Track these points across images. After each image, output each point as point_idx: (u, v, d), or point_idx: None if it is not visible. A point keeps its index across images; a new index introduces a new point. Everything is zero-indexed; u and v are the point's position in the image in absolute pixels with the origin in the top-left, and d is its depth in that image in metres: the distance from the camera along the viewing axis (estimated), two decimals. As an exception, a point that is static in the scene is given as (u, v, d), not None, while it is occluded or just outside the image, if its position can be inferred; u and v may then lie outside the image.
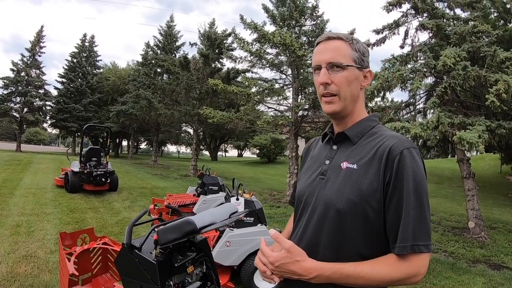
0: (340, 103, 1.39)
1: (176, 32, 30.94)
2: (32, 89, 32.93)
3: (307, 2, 15.03)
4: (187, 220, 2.40)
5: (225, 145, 68.90)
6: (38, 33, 34.70)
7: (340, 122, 1.47)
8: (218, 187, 8.87)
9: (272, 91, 14.24)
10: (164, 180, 18.33)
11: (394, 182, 1.23)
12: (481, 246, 8.27)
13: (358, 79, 1.40)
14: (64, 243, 4.20)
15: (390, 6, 10.50)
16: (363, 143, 1.38)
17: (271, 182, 21.19)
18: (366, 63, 1.43)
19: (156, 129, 28.80)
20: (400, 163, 1.23)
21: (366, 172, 1.29)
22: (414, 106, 11.30)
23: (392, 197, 1.23)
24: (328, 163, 1.45)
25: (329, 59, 1.36)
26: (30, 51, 33.96)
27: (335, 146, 1.48)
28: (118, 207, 10.56)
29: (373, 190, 1.25)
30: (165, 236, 2.36)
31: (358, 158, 1.34)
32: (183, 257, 2.58)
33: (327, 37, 1.41)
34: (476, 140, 7.21)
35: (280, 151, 36.03)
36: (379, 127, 1.44)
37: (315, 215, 1.39)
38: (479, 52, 8.84)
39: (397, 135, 1.33)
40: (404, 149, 1.24)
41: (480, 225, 9.00)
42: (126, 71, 37.49)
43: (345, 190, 1.30)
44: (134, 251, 2.52)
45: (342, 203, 1.29)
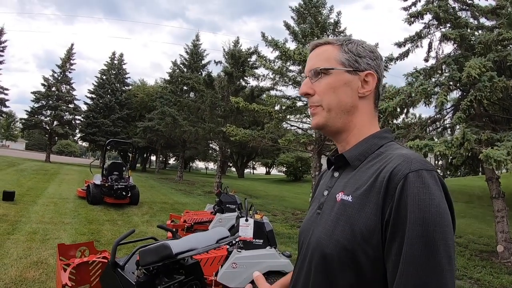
0: (323, 115, 1.12)
1: (202, 50, 31.42)
2: (62, 103, 34.08)
3: (329, 18, 14.98)
4: (163, 244, 2.27)
5: (253, 162, 68.94)
6: (68, 51, 36.00)
7: (338, 140, 1.18)
8: (236, 206, 8.71)
9: (295, 109, 14.09)
10: (187, 196, 18.26)
11: (394, 223, 0.86)
12: (510, 272, 7.73)
13: (349, 84, 1.10)
14: (63, 255, 4.22)
15: (412, 18, 10.32)
16: (364, 168, 1.05)
17: (296, 201, 20.92)
18: (366, 65, 1.12)
19: (183, 146, 28.97)
20: (402, 195, 0.86)
21: (362, 207, 0.95)
22: (441, 122, 10.90)
23: (392, 244, 0.86)
24: (326, 194, 1.15)
25: (310, 67, 1.14)
26: (60, 68, 35.23)
27: (337, 173, 1.17)
28: (136, 221, 10.54)
29: (369, 232, 0.90)
30: (144, 258, 2.25)
31: (355, 187, 1.01)
32: (169, 280, 2.44)
33: (314, 45, 1.20)
34: (505, 158, 6.77)
35: (307, 169, 35.75)
36: (390, 145, 1.09)
37: (307, 259, 1.09)
38: (506, 61, 8.43)
39: (407, 153, 0.95)
40: (410, 173, 0.87)
41: (509, 249, 8.49)
42: (154, 88, 38.06)
43: (336, 230, 0.99)
44: (117, 269, 2.48)
45: (330, 247, 0.98)
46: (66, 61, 35.44)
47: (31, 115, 33.12)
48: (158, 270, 2.39)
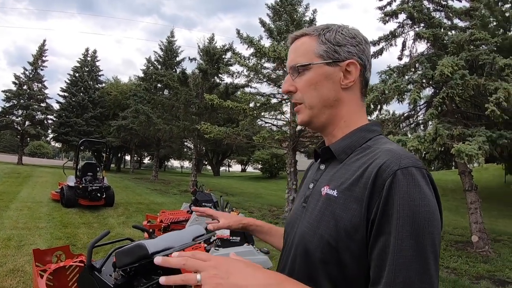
0: (307, 112, 1.09)
1: (176, 47, 31.15)
2: (34, 102, 32.92)
3: (304, 16, 15.04)
4: (139, 244, 2.21)
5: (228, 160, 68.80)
6: (40, 47, 34.85)
7: (325, 134, 1.14)
8: (212, 204, 8.66)
9: (269, 106, 14.09)
10: (163, 196, 18.07)
11: (381, 218, 0.83)
12: (485, 261, 7.97)
13: (330, 77, 1.05)
14: (39, 260, 4.07)
15: (387, 17, 10.43)
16: (351, 161, 1.01)
17: (272, 198, 20.99)
18: (346, 53, 1.05)
19: (157, 144, 28.70)
20: (391, 191, 0.82)
21: (346, 202, 0.91)
22: (414, 118, 11.09)
23: (377, 240, 0.83)
24: (311, 187, 1.11)
25: (289, 63, 1.10)
26: (32, 65, 34.06)
27: (323, 165, 1.13)
28: (113, 223, 10.37)
29: (353, 228, 0.87)
30: (121, 259, 2.20)
31: (340, 181, 0.97)
32: (147, 280, 2.39)
33: (292, 39, 1.14)
34: (476, 152, 6.94)
35: (282, 166, 35.81)
36: (377, 139, 1.05)
37: (291, 253, 1.07)
38: (477, 60, 8.67)
39: (395, 149, 0.92)
40: (399, 169, 0.84)
41: (484, 239, 8.74)
42: (127, 86, 37.53)
43: (320, 225, 0.96)
44: (93, 272, 2.42)
45: (314, 242, 0.95)
46: (38, 58, 34.30)
47: (2, 116, 31.89)
48: (135, 271, 2.34)
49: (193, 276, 0.78)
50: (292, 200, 13.58)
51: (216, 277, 0.77)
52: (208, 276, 0.78)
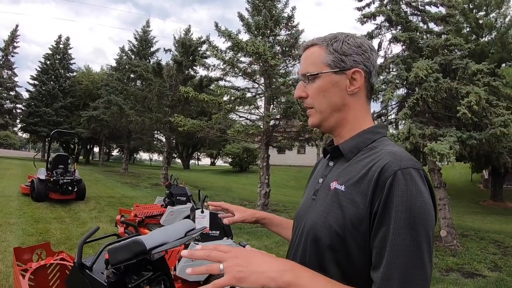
0: (317, 116, 1.21)
1: (151, 37, 30.61)
2: (3, 90, 31.99)
3: (283, 12, 15.07)
4: (135, 240, 2.18)
5: (198, 153, 68.42)
6: (13, 33, 33.88)
7: (334, 135, 1.26)
8: (186, 198, 8.60)
9: (244, 100, 14.10)
10: (134, 189, 17.87)
11: (382, 212, 0.95)
12: (454, 254, 8.28)
13: (337, 85, 1.16)
14: (19, 259, 3.94)
15: (365, 18, 10.60)
16: (357, 160, 1.13)
17: (243, 192, 20.98)
18: (352, 62, 1.15)
19: (128, 136, 28.26)
20: (392, 188, 0.94)
21: (352, 196, 1.04)
22: (386, 117, 11.31)
23: (376, 233, 0.96)
24: (321, 181, 1.24)
25: (301, 71, 1.22)
26: (3, 51, 33.01)
27: (332, 162, 1.25)
28: (85, 217, 10.19)
29: (359, 220, 0.99)
30: (115, 256, 2.16)
31: (348, 177, 1.09)
32: (138, 277, 2.38)
33: (303, 48, 1.25)
34: (448, 151, 7.23)
35: (253, 160, 35.80)
36: (382, 141, 1.16)
37: (301, 244, 1.19)
38: (451, 64, 8.96)
39: (397, 151, 1.04)
40: (399, 170, 0.96)
41: (452, 234, 9.06)
42: (99, 75, 36.62)
43: (329, 216, 1.08)
44: (84, 270, 2.36)
45: (324, 232, 1.07)
46: (10, 44, 33.29)
47: (-32, 103, 30.75)
48: (127, 268, 2.33)
49: (216, 265, 0.90)
50: (264, 194, 13.65)
51: (237, 266, 0.90)
52: (230, 265, 0.90)
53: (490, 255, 8.49)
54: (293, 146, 18.25)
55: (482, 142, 8.21)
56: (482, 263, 7.72)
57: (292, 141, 16.68)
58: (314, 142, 15.72)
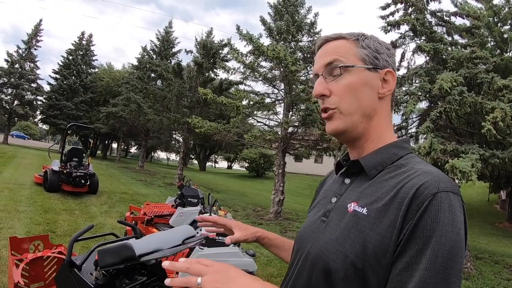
0: (343, 119, 1.00)
1: (173, 38, 30.88)
2: (25, 82, 32.50)
3: (306, 18, 15.02)
4: (125, 244, 2.07)
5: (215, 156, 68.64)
6: (36, 27, 34.44)
7: (353, 147, 1.07)
8: (198, 200, 8.53)
9: (263, 105, 14.02)
10: (148, 187, 17.86)
11: (408, 239, 0.79)
12: (467, 278, 7.98)
13: (370, 84, 1.00)
14: (16, 249, 3.92)
15: (389, 27, 10.43)
16: (382, 179, 0.95)
17: (257, 198, 20.91)
18: (384, 61, 1.02)
19: (145, 134, 28.37)
20: (427, 213, 0.78)
21: (378, 223, 0.86)
22: (406, 130, 11.09)
23: (399, 260, 0.80)
24: (334, 201, 1.05)
25: (324, 63, 1.02)
26: (26, 44, 33.63)
27: (348, 179, 1.07)
28: (95, 211, 10.22)
29: (383, 251, 0.82)
30: (104, 258, 2.06)
31: (372, 199, 0.92)
32: (130, 281, 2.26)
33: (325, 39, 1.07)
34: (469, 169, 6.96)
35: (269, 166, 35.76)
36: (410, 158, 0.99)
37: (306, 267, 1.00)
38: (476, 78, 8.70)
39: (433, 171, 0.87)
40: (438, 193, 0.80)
41: (466, 256, 8.66)
42: (120, 73, 37.25)
43: (345, 244, 0.90)
44: (73, 269, 2.27)
45: (337, 261, 0.89)
46: (33, 37, 33.87)
47: (-9, 93, 31.39)
48: (118, 271, 2.22)
49: (194, 279, 0.83)
50: (278, 201, 13.51)
51: (216, 281, 0.82)
52: (209, 279, 0.82)
53: (504, 281, 8.16)
54: (310, 155, 18.05)
55: (505, 161, 7.91)
56: (496, 288, 7.41)
57: (310, 150, 16.50)
58: (332, 152, 15.49)
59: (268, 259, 7.43)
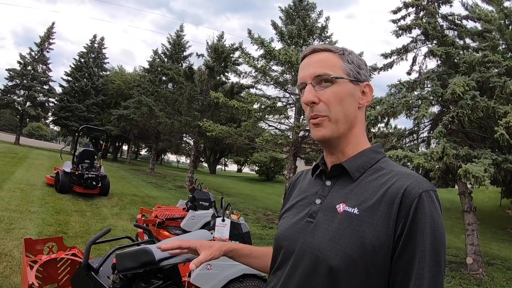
0: (331, 126, 1.09)
1: (184, 42, 30.95)
2: (37, 84, 32.99)
3: (317, 22, 15.05)
4: (144, 249, 2.10)
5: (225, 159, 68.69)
6: (49, 29, 34.95)
7: (333, 151, 1.16)
8: (209, 203, 8.56)
9: (274, 109, 14.05)
10: (158, 190, 17.93)
11: (408, 235, 0.93)
12: (478, 284, 7.90)
13: (353, 95, 1.11)
14: (30, 250, 3.96)
15: (400, 31, 10.41)
16: (366, 181, 1.07)
17: (267, 201, 20.89)
18: (364, 76, 1.14)
19: (156, 137, 28.57)
20: (418, 211, 0.93)
21: (371, 220, 0.98)
22: (417, 135, 11.04)
23: (402, 254, 0.93)
24: (319, 202, 1.12)
25: (314, 73, 1.10)
26: (39, 46, 34.09)
27: (329, 181, 1.15)
28: (106, 213, 10.27)
29: (380, 244, 0.94)
30: (122, 263, 2.08)
31: (360, 200, 1.03)
32: (146, 284, 2.29)
33: (312, 50, 1.16)
34: (482, 174, 6.93)
35: (279, 170, 35.79)
36: (386, 161, 1.13)
37: (299, 269, 1.06)
38: (488, 82, 8.62)
39: (411, 173, 1.03)
40: (423, 192, 0.95)
41: (478, 261, 8.63)
42: (132, 76, 37.39)
43: (342, 242, 0.99)
44: (90, 272, 2.29)
45: (336, 259, 0.98)
46: (46, 40, 34.36)
47: (4, 94, 31.87)
48: (135, 275, 2.24)
49: None
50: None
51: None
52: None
53: None
54: (322, 159, 18.05)
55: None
56: (507, 295, 7.32)
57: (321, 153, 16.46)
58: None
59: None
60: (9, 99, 31.72)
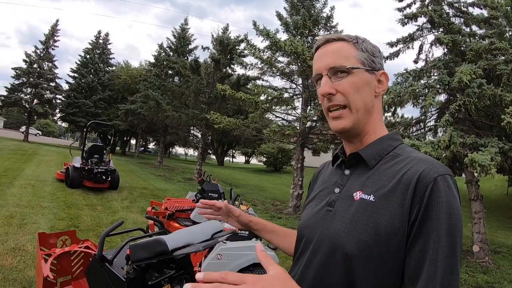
0: (351, 117, 1.10)
1: (189, 35, 30.82)
2: (43, 81, 32.89)
3: (322, 12, 14.97)
4: (158, 239, 2.16)
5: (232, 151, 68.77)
6: (53, 27, 34.77)
7: (352, 140, 1.17)
8: (218, 195, 8.63)
9: (281, 100, 14.05)
10: (167, 182, 18.08)
11: (422, 219, 0.92)
12: (485, 272, 7.92)
13: (369, 84, 1.11)
14: (44, 244, 4.04)
15: (406, 19, 10.36)
16: (383, 168, 1.07)
17: (275, 192, 20.95)
18: (379, 64, 1.15)
19: (164, 130, 28.64)
20: (432, 195, 0.92)
21: (386, 206, 0.98)
22: (424, 123, 11.02)
23: (416, 240, 0.92)
24: (337, 191, 1.15)
25: (329, 64, 1.10)
26: (44, 44, 34.02)
27: (348, 170, 1.17)
28: (116, 206, 10.40)
29: (394, 230, 0.95)
30: (136, 253, 2.14)
31: (376, 187, 1.03)
32: (159, 274, 2.35)
33: (325, 40, 1.16)
34: (489, 163, 6.92)
35: (287, 160, 35.74)
36: (403, 148, 1.12)
37: (317, 256, 1.09)
38: (495, 70, 8.54)
39: (428, 158, 1.02)
40: (438, 176, 0.94)
41: (484, 250, 8.66)
42: (138, 70, 37.37)
43: (357, 229, 1.01)
44: (104, 264, 2.35)
45: (352, 246, 1.00)
46: (50, 37, 34.20)
47: (11, 92, 31.91)
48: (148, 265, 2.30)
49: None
50: (296, 196, 13.57)
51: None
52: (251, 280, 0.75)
53: None
54: (329, 149, 18.01)
55: (524, 154, 7.84)
56: (513, 284, 7.35)
57: (328, 144, 16.48)
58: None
59: (288, 253, 7.49)
60: (16, 97, 31.72)
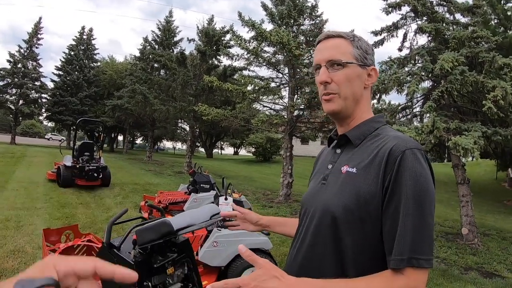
0: (340, 102, 1.31)
1: (174, 27, 30.61)
2: (28, 81, 32.51)
3: (307, 1, 14.98)
4: (163, 221, 2.30)
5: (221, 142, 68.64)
6: (36, 25, 34.28)
7: (342, 124, 1.39)
8: (210, 186, 8.75)
9: (268, 89, 14.15)
10: (158, 177, 18.13)
11: (393, 185, 1.11)
12: (474, 253, 8.16)
13: (360, 77, 1.32)
14: (48, 240, 4.13)
15: (390, 8, 10.44)
16: (365, 146, 1.29)
17: (265, 182, 21.06)
18: (370, 61, 1.35)
19: (152, 125, 28.48)
20: (400, 165, 1.11)
21: (365, 176, 1.19)
22: (410, 110, 11.21)
23: (390, 203, 1.11)
24: (330, 167, 1.37)
25: (328, 57, 1.31)
26: (27, 43, 33.55)
27: (339, 149, 1.40)
28: (109, 203, 10.49)
29: (371, 195, 1.14)
30: (143, 236, 2.28)
31: (358, 161, 1.25)
32: (163, 258, 2.49)
33: (326, 36, 1.36)
34: (472, 146, 7.13)
35: (276, 150, 35.76)
36: (384, 129, 1.34)
37: (313, 223, 1.30)
38: (477, 57, 8.76)
39: (401, 136, 1.22)
40: (406, 150, 1.13)
41: (473, 232, 8.90)
42: (123, 65, 37.21)
43: (342, 196, 1.21)
44: (113, 250, 2.47)
45: (338, 209, 1.20)
46: (34, 36, 33.70)
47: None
48: (153, 249, 2.43)
49: None
50: (287, 184, 13.72)
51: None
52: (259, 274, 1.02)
53: (511, 256, 8.29)
54: (317, 137, 18.14)
55: (507, 138, 8.05)
56: (502, 263, 7.57)
57: (316, 132, 16.59)
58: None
59: (281, 239, 7.63)
60: (1, 98, 31.33)
